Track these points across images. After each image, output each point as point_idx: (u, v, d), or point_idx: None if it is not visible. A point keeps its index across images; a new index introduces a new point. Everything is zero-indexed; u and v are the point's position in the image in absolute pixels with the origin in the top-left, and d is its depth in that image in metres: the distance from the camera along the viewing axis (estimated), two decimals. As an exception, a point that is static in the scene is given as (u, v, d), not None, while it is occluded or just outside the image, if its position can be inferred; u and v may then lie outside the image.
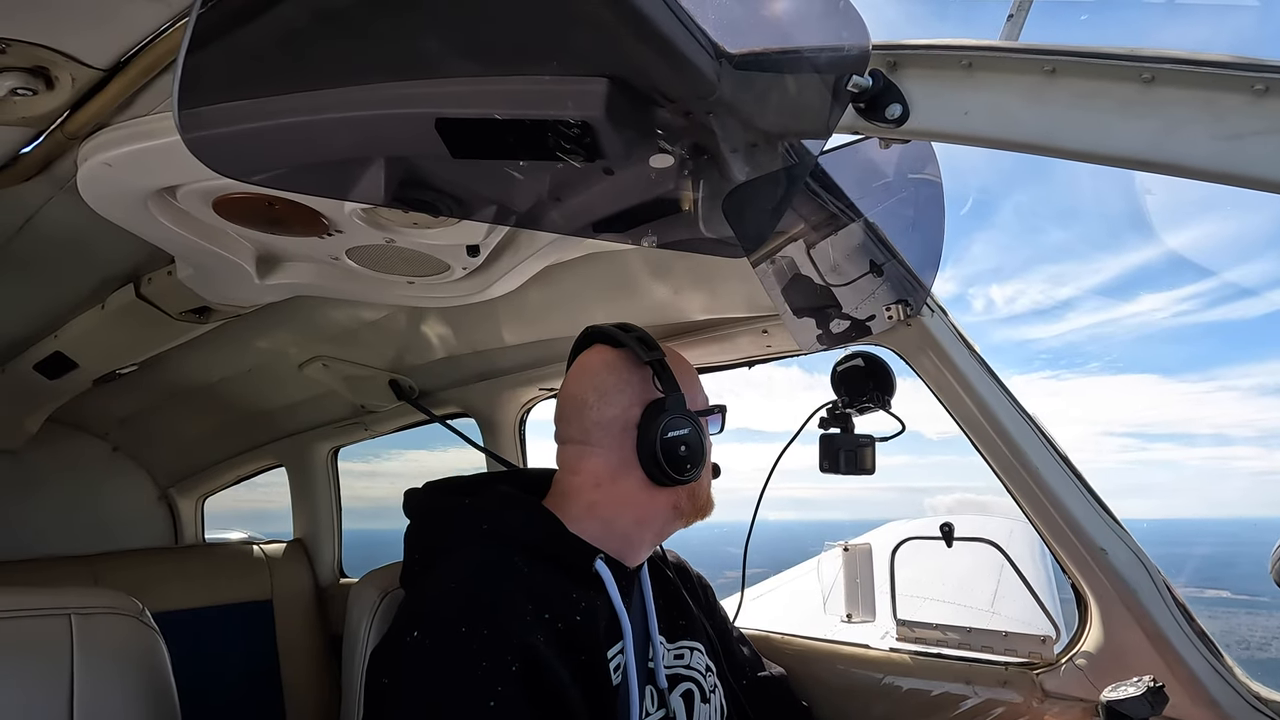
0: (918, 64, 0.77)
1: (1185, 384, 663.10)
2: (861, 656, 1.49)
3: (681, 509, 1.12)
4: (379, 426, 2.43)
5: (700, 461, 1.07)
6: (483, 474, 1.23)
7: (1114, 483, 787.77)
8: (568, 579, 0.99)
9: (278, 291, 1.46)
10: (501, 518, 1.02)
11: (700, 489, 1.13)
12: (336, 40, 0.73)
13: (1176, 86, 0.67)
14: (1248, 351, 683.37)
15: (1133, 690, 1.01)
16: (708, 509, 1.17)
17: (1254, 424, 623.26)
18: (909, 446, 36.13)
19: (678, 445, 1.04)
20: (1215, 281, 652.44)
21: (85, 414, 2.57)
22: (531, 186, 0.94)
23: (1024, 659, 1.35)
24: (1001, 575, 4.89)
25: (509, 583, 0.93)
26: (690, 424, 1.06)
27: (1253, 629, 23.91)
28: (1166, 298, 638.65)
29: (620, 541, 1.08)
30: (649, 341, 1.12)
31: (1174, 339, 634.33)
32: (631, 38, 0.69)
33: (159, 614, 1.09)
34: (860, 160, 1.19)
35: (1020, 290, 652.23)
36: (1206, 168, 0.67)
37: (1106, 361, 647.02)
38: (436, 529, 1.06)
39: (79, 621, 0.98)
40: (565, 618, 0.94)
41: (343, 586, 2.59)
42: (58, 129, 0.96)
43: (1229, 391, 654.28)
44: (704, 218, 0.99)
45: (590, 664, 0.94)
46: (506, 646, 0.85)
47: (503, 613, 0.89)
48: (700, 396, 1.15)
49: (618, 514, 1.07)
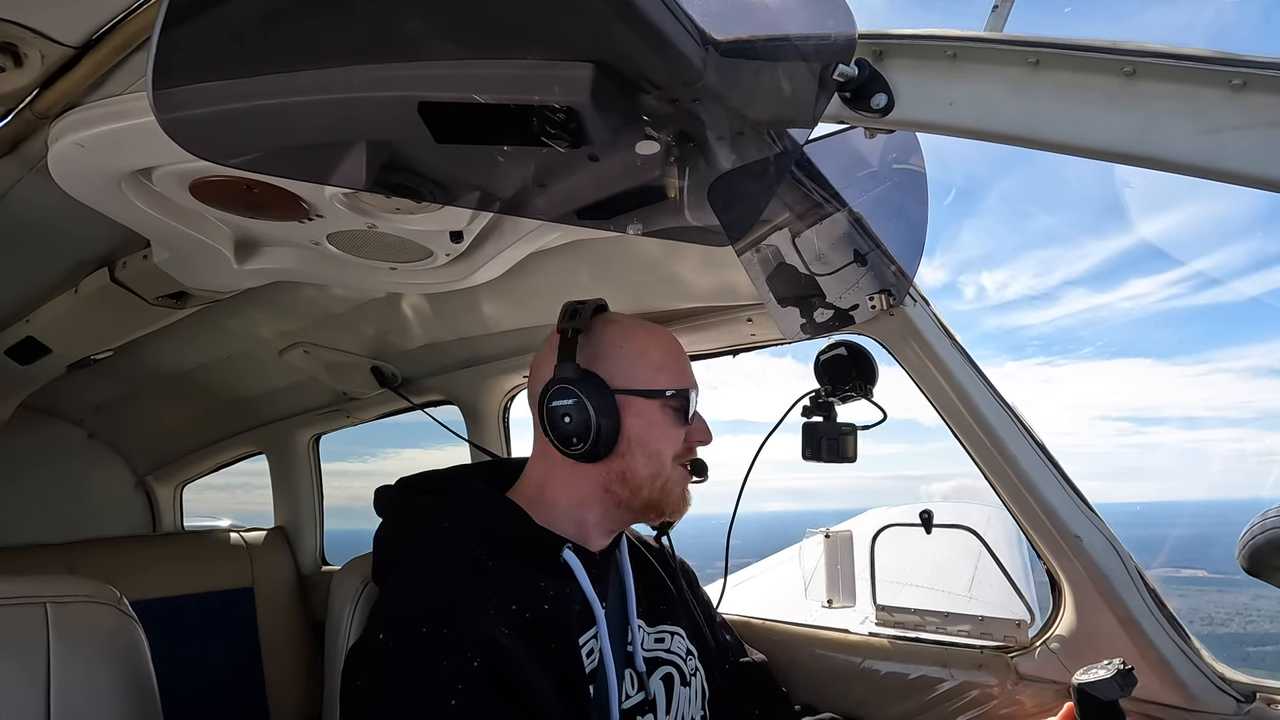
0: (903, 54, 0.77)
1: (1179, 367, 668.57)
2: (841, 641, 1.51)
3: (614, 492, 1.06)
4: (361, 414, 2.41)
5: (595, 437, 1.00)
6: (457, 467, 1.22)
7: (1109, 466, 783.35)
8: (537, 570, 0.99)
9: (257, 277, 1.44)
10: (465, 515, 1.02)
11: (631, 472, 1.05)
12: (317, 19, 0.71)
13: (1157, 80, 0.68)
14: (1240, 333, 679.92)
15: (1103, 672, 1.04)
16: (664, 503, 1.08)
17: (1249, 405, 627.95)
18: (907, 434, 35.95)
19: (559, 416, 1.01)
20: (1204, 264, 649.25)
21: (60, 400, 2.53)
22: (515, 172, 0.93)
23: (999, 643, 1.38)
24: (979, 561, 4.98)
25: (472, 579, 0.93)
26: (575, 395, 1.00)
27: (1220, 606, 24.97)
28: (1156, 281, 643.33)
29: (573, 525, 1.07)
30: (573, 312, 1.07)
31: (1166, 323, 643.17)
32: (618, 23, 0.68)
33: (137, 602, 1.08)
34: (845, 149, 1.19)
35: (1011, 276, 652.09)
36: (1187, 161, 0.68)
37: (1099, 346, 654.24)
38: (403, 528, 1.07)
39: (55, 610, 0.97)
40: (533, 608, 0.94)
41: (325, 574, 2.58)
42: (26, 108, 0.93)
43: (1223, 374, 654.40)
44: (689, 205, 0.99)
45: (560, 653, 0.95)
46: (467, 644, 0.86)
47: (464, 610, 0.89)
48: (644, 374, 1.06)
49: (558, 496, 1.08)
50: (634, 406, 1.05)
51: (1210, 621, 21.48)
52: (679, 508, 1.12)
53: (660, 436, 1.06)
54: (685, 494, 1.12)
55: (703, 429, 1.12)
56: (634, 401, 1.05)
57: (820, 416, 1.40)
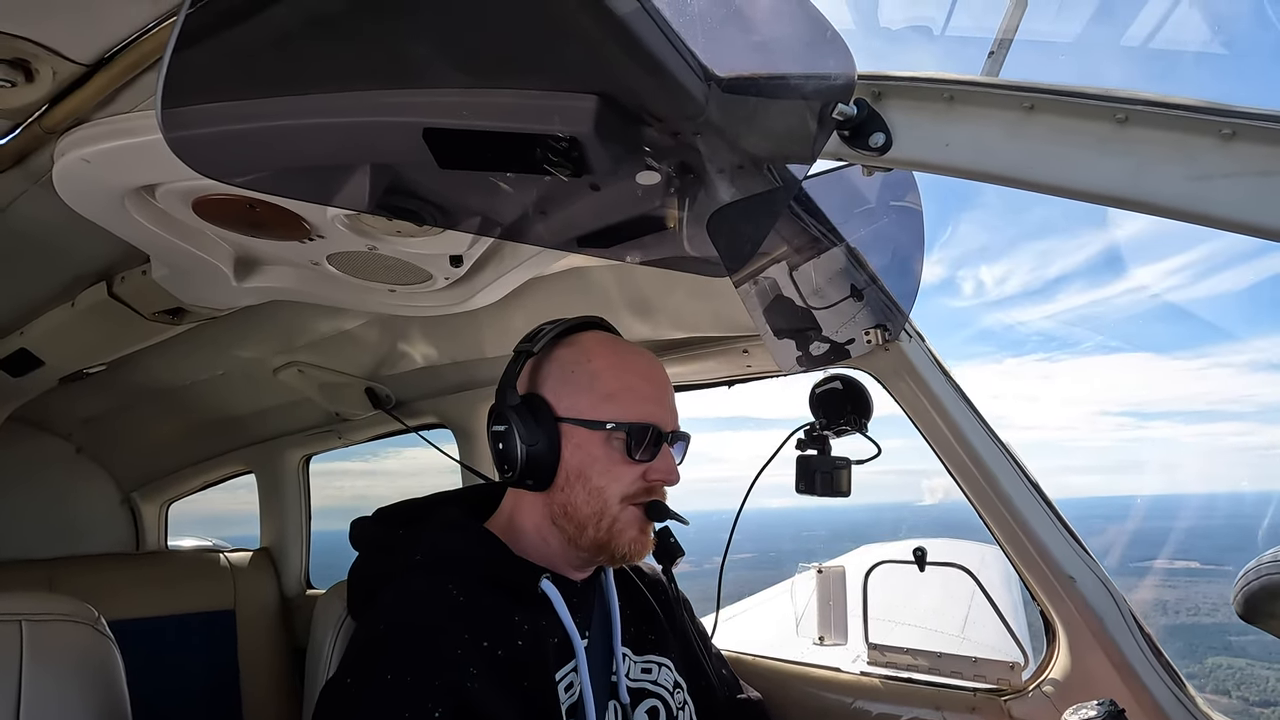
0: (902, 95, 0.79)
1: (1179, 361, 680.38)
2: (833, 680, 1.49)
3: (561, 527, 1.01)
4: (353, 435, 2.40)
5: (524, 465, 0.97)
6: (436, 495, 1.19)
7: (1110, 460, 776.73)
8: (513, 601, 0.97)
9: (255, 295, 1.44)
10: (437, 548, 1.00)
11: (573, 507, 0.99)
12: (326, 46, 0.73)
13: (1149, 127, 0.69)
14: (1240, 326, 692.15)
15: (1092, 713, 1.03)
16: (612, 545, 1.00)
17: (1250, 399, 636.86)
18: (906, 429, 36.60)
19: (495, 441, 1.00)
20: (1202, 252, 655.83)
21: (49, 413, 2.50)
22: (517, 199, 0.94)
23: (992, 685, 1.36)
24: (972, 600, 4.93)
25: (441, 617, 0.91)
26: (506, 421, 0.98)
27: (1207, 596, 25.38)
28: (1155, 271, 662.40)
29: (544, 556, 1.04)
30: (533, 334, 1.05)
31: (1165, 316, 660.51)
32: (622, 56, 0.70)
33: (116, 622, 1.06)
34: (843, 186, 1.21)
35: (1010, 270, 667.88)
36: (1177, 207, 0.69)
37: (1097, 343, 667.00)
38: (375, 562, 1.05)
39: (30, 629, 0.95)
40: (506, 645, 0.92)
41: (309, 598, 2.53)
42: (35, 122, 0.94)
43: (1223, 368, 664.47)
44: (688, 236, 1.00)
45: (536, 689, 0.92)
46: (429, 692, 0.84)
47: (429, 656, 0.87)
48: (588, 402, 0.99)
49: (524, 524, 1.05)
50: (575, 436, 0.99)
51: (1197, 611, 22.05)
52: (633, 552, 1.01)
53: (603, 472, 0.99)
54: (643, 537, 1.03)
55: (664, 468, 1.02)
56: (575, 431, 0.99)
57: (815, 450, 1.40)
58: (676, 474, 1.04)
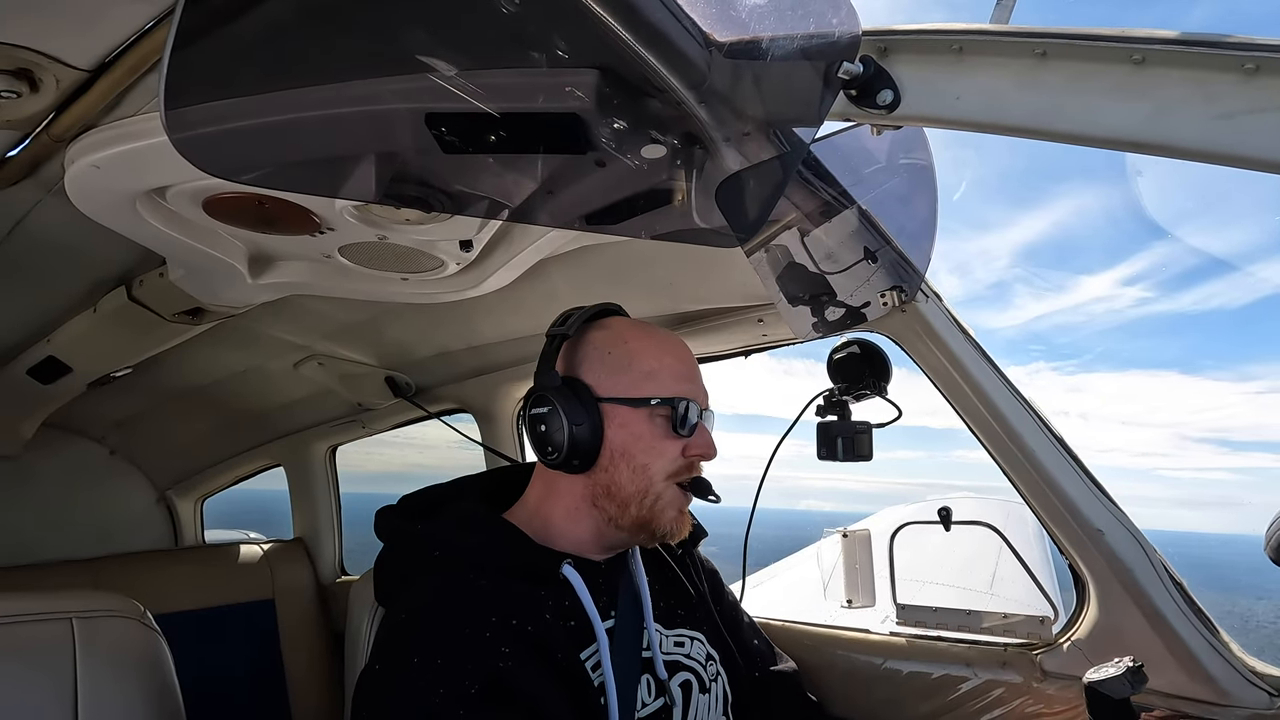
0: (908, 49, 0.77)
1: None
2: (862, 641, 1.50)
3: (602, 507, 1.03)
4: (376, 424, 2.43)
5: (570, 447, 0.98)
6: (458, 480, 1.20)
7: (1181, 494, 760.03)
8: (536, 585, 0.99)
9: (271, 291, 1.46)
10: (454, 543, 1.01)
11: (616, 486, 1.01)
12: (323, 35, 0.72)
13: (1167, 67, 0.67)
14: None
15: (1113, 670, 1.04)
16: (655, 523, 1.02)
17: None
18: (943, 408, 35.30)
19: (536, 425, 1.01)
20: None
21: (81, 418, 2.56)
22: (524, 180, 0.94)
23: (1023, 640, 1.36)
24: (1000, 558, 4.93)
25: (466, 604, 0.93)
26: (550, 403, 0.99)
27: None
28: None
29: (571, 542, 1.06)
30: (564, 318, 1.07)
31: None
32: (621, 28, 0.69)
33: (160, 616, 1.09)
34: (852, 146, 1.18)
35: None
36: (1199, 148, 0.67)
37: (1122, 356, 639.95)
38: (399, 555, 1.06)
39: (80, 625, 0.98)
40: (535, 621, 0.94)
41: (344, 584, 2.59)
42: (43, 131, 0.95)
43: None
44: (698, 208, 0.99)
45: (567, 664, 0.94)
46: (463, 671, 0.86)
47: (458, 637, 0.89)
48: (629, 381, 1.02)
49: (553, 510, 1.06)
50: (618, 416, 1.01)
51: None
52: (675, 530, 1.05)
53: (647, 449, 1.01)
54: (683, 515, 1.06)
55: (702, 443, 1.05)
56: (618, 410, 1.01)
57: (835, 415, 1.39)
58: (715, 448, 1.06)
